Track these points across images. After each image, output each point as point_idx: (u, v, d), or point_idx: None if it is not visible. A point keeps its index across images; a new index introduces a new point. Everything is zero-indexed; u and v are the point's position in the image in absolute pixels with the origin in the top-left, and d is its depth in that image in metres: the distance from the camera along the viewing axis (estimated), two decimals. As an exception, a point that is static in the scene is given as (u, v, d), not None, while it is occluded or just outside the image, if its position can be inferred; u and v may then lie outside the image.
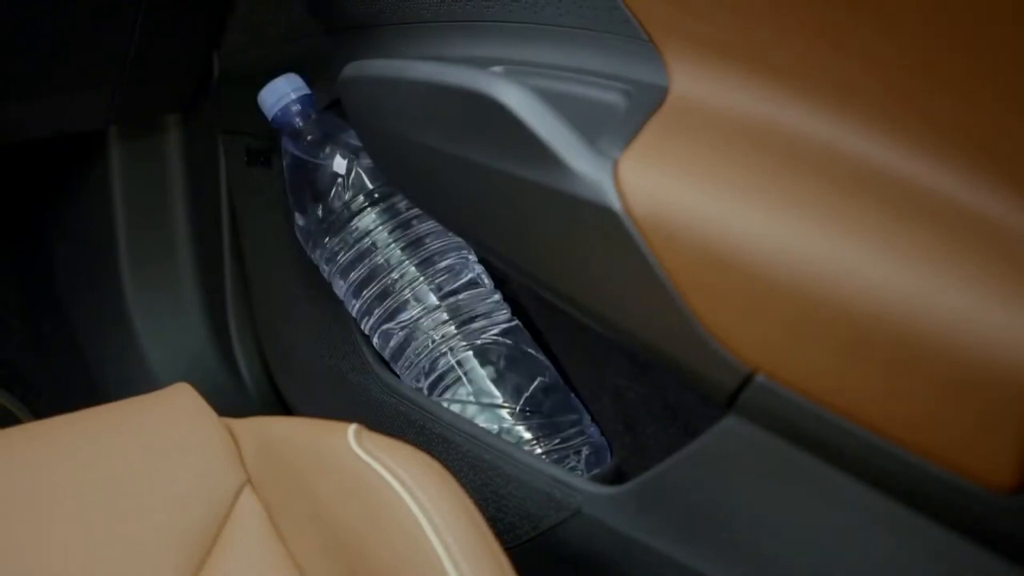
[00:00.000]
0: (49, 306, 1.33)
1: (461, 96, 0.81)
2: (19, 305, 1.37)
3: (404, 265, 0.98)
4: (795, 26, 0.72)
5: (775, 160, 0.72)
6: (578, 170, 0.74)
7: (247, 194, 1.18)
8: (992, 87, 0.66)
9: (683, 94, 0.76)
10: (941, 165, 0.67)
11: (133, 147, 1.22)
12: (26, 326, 1.37)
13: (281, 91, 1.03)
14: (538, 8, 0.86)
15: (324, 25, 1.07)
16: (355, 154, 1.00)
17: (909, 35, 0.68)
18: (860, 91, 0.70)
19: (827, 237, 0.68)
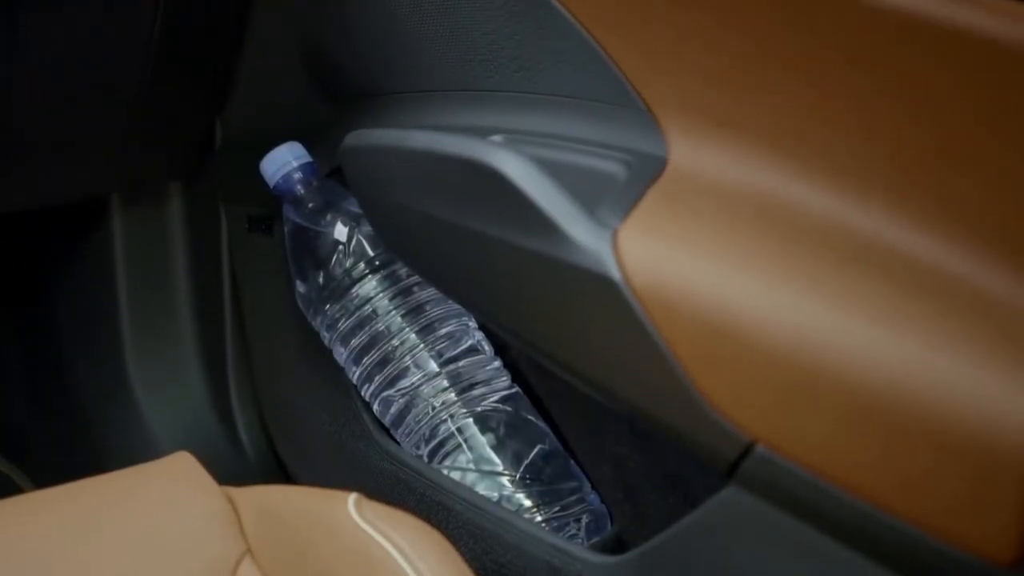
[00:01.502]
0: (50, 371, 1.34)
1: (461, 165, 0.82)
2: (20, 369, 1.37)
3: (405, 332, 0.99)
4: (794, 99, 0.72)
5: (774, 232, 0.72)
6: (578, 239, 0.75)
7: (248, 261, 1.18)
8: (995, 162, 0.66)
9: (682, 165, 0.77)
10: (940, 238, 0.68)
11: (135, 214, 1.23)
12: (26, 390, 1.37)
13: (283, 159, 1.03)
14: (538, 78, 0.87)
15: (325, 94, 1.07)
16: (356, 221, 1.00)
17: (909, 110, 0.68)
18: (858, 164, 0.71)
19: (826, 309, 0.68)
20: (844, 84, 0.70)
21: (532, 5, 0.84)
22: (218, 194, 1.20)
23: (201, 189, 1.22)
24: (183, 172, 1.20)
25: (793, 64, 0.72)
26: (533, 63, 0.87)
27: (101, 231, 1.24)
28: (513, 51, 0.88)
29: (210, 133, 1.15)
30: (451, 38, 0.91)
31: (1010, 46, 0.62)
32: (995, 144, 0.65)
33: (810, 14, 0.69)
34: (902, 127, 0.69)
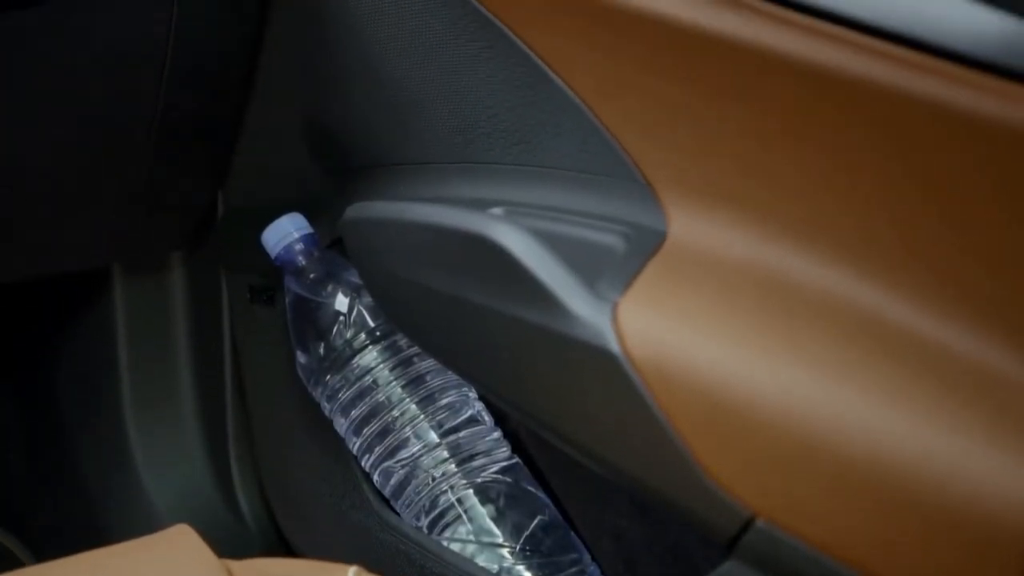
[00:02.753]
0: (50, 441, 1.33)
1: (461, 238, 0.83)
2: (19, 440, 1.37)
3: (405, 403, 0.99)
4: (795, 174, 0.73)
5: (775, 306, 0.72)
6: (577, 312, 0.75)
7: (250, 332, 1.19)
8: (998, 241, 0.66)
9: (681, 238, 0.77)
10: (940, 315, 0.68)
11: (136, 284, 1.23)
12: (26, 461, 1.36)
13: (284, 230, 1.04)
14: (537, 151, 0.88)
15: (326, 165, 1.08)
16: (357, 292, 1.01)
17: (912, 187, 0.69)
18: (860, 239, 0.71)
19: (826, 384, 0.68)
20: (846, 158, 0.71)
21: (532, 79, 0.85)
22: (220, 264, 1.20)
23: (203, 259, 1.23)
24: (185, 242, 1.21)
25: (793, 139, 0.72)
26: (533, 136, 0.87)
27: (102, 301, 1.25)
28: (513, 124, 0.88)
29: (212, 204, 1.16)
30: (451, 111, 0.91)
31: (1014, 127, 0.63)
32: (999, 223, 0.66)
33: (811, 89, 0.70)
34: (905, 203, 0.69)
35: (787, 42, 0.69)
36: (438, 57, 0.90)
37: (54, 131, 0.96)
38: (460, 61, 0.89)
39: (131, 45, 0.94)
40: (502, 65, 0.86)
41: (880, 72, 0.66)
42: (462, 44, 0.88)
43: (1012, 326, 0.66)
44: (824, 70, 0.68)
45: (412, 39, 0.91)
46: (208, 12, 0.96)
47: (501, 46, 0.86)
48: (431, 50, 0.90)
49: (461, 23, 0.87)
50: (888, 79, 0.65)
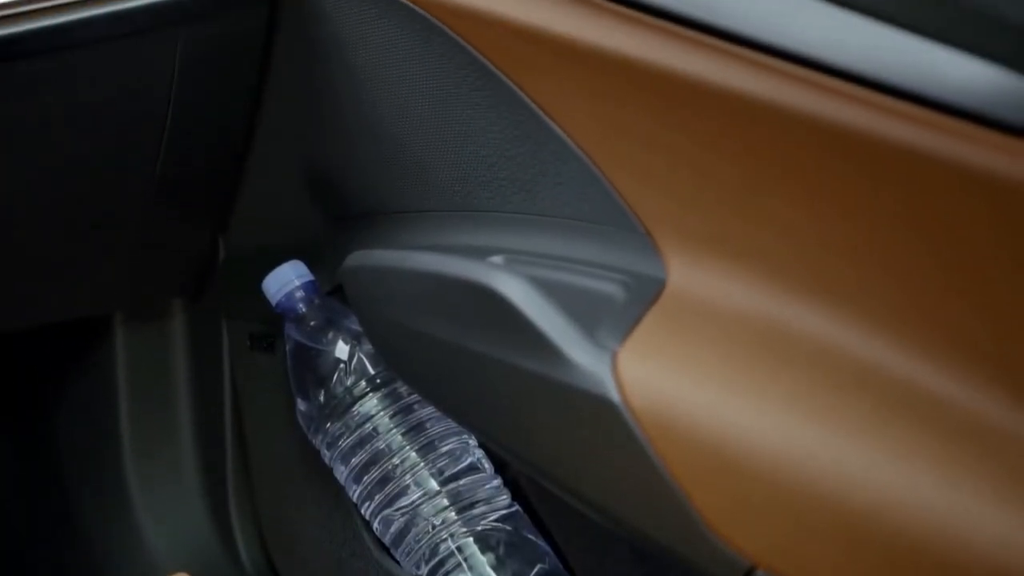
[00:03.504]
0: (49, 490, 1.33)
1: (461, 286, 0.83)
2: (19, 488, 1.37)
3: (405, 450, 0.99)
4: (795, 223, 0.73)
5: (774, 356, 0.72)
6: (577, 361, 0.75)
7: (250, 379, 1.19)
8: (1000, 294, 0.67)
9: (680, 287, 0.77)
10: (942, 368, 0.68)
11: (137, 331, 1.24)
12: (26, 508, 1.36)
13: (285, 278, 1.04)
14: (537, 199, 0.88)
15: (326, 213, 1.09)
16: (357, 340, 1.01)
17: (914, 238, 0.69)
18: (860, 289, 0.71)
19: (826, 434, 0.68)
20: (846, 209, 0.71)
21: (531, 128, 0.86)
22: (220, 311, 1.21)
23: (203, 306, 1.23)
24: (186, 290, 1.21)
25: (793, 189, 0.73)
26: (532, 185, 0.88)
27: (103, 348, 1.25)
28: (512, 173, 0.89)
29: (213, 251, 1.17)
30: (451, 160, 0.92)
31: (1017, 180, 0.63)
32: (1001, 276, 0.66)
33: (811, 141, 0.70)
34: (905, 254, 0.69)
35: (787, 94, 0.69)
36: (438, 107, 0.91)
37: (56, 181, 0.97)
38: (460, 111, 0.89)
39: (134, 97, 0.94)
40: (502, 115, 0.87)
41: (881, 125, 0.66)
42: (462, 94, 0.88)
43: (1015, 380, 0.66)
44: (824, 122, 0.68)
45: (412, 89, 0.92)
46: (210, 64, 0.96)
47: (501, 96, 0.86)
48: (431, 100, 0.91)
49: (461, 73, 0.87)
50: (889, 132, 0.66)
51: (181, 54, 0.93)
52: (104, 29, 0.85)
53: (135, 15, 0.86)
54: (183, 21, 0.91)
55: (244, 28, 0.97)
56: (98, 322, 1.25)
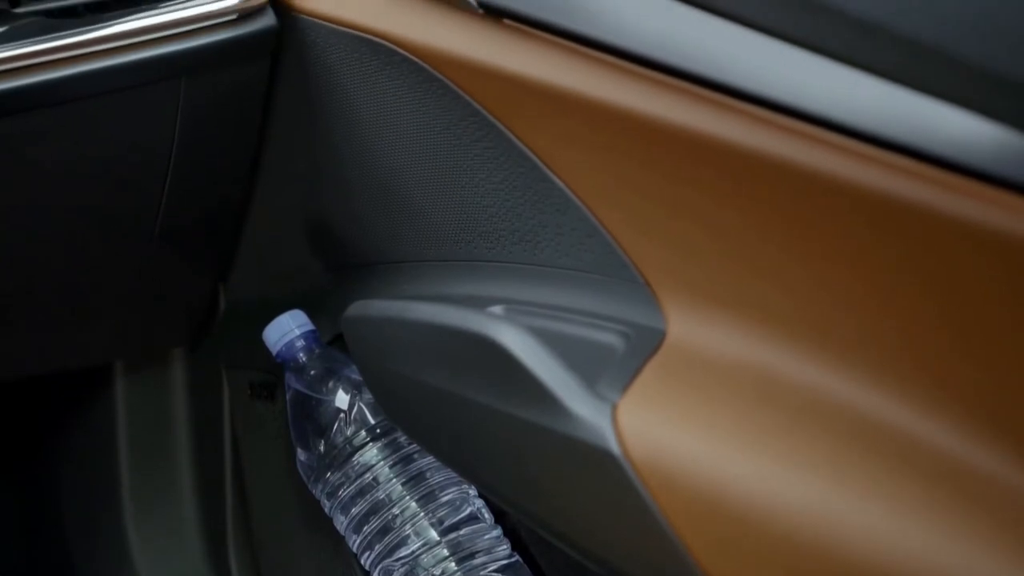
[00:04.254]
0: (49, 538, 1.33)
1: (461, 337, 0.83)
2: (18, 536, 1.36)
3: (405, 500, 0.99)
4: (793, 276, 0.73)
5: (774, 408, 0.72)
6: (577, 413, 0.75)
7: (250, 427, 1.19)
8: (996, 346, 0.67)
9: (680, 338, 0.77)
10: (940, 419, 0.68)
11: (138, 380, 1.24)
12: (25, 556, 1.36)
13: (285, 327, 1.04)
14: (538, 250, 0.88)
15: (327, 262, 1.09)
16: (357, 389, 1.01)
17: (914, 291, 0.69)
18: (859, 343, 0.71)
19: (825, 487, 0.68)
20: (846, 262, 0.71)
21: (531, 179, 0.86)
22: (221, 360, 1.21)
23: (204, 355, 1.23)
24: (186, 338, 1.21)
25: (792, 241, 0.73)
26: (533, 235, 0.88)
27: (104, 396, 1.25)
28: (513, 223, 0.89)
29: (214, 300, 1.17)
30: (452, 211, 0.92)
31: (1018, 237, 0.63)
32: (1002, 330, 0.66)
33: (810, 194, 0.70)
34: (905, 308, 0.69)
35: (788, 148, 0.69)
36: (439, 157, 0.91)
37: (58, 231, 0.97)
38: (461, 162, 0.90)
39: (135, 147, 0.95)
40: (502, 165, 0.87)
41: (883, 180, 0.66)
42: (463, 145, 0.89)
43: (1015, 434, 0.66)
44: (826, 176, 0.68)
45: (413, 139, 0.92)
46: (211, 114, 0.97)
47: (501, 147, 0.87)
48: (432, 150, 0.91)
49: (462, 124, 0.88)
50: (891, 188, 0.66)
51: (183, 105, 0.94)
52: (107, 82, 0.86)
53: (138, 67, 0.87)
54: (185, 72, 0.92)
55: (246, 79, 0.97)
56: (98, 371, 1.25)
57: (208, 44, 0.91)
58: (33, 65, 0.81)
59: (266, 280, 1.14)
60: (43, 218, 0.95)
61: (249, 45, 0.94)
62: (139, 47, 0.87)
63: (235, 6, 0.92)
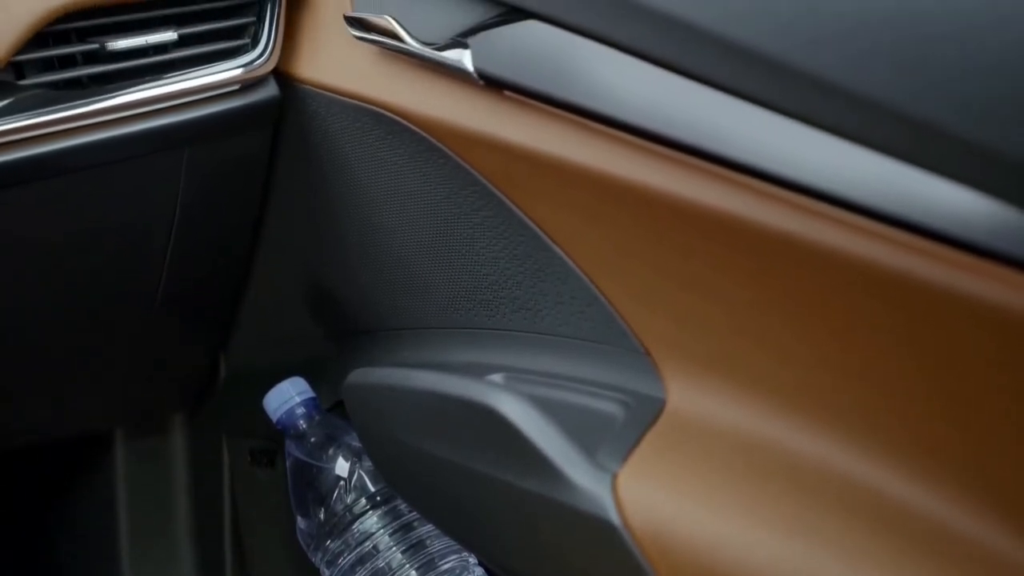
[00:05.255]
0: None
1: (462, 405, 0.83)
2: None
3: (405, 569, 0.98)
4: (792, 347, 0.73)
5: (773, 478, 0.72)
6: (577, 482, 0.75)
7: (250, 495, 1.19)
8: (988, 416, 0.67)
9: (680, 408, 0.78)
10: (933, 488, 0.68)
11: (138, 446, 1.24)
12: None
13: (286, 394, 1.05)
14: (538, 318, 0.89)
15: (328, 329, 1.09)
16: (358, 456, 1.01)
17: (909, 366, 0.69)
18: (857, 415, 0.71)
19: (823, 558, 0.68)
20: (844, 334, 0.71)
21: (532, 248, 0.86)
22: (221, 427, 1.21)
23: (204, 422, 1.23)
24: (186, 405, 1.21)
25: (791, 312, 0.73)
26: (533, 304, 0.88)
27: (103, 464, 1.25)
28: (513, 292, 0.89)
29: (214, 367, 1.17)
30: (452, 279, 0.93)
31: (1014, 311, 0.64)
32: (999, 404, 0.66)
33: (809, 266, 0.71)
34: (902, 380, 0.69)
35: (788, 221, 0.70)
36: (440, 226, 0.92)
37: (60, 300, 0.97)
38: (461, 230, 0.90)
39: (138, 216, 0.95)
40: (503, 235, 0.88)
41: (879, 253, 0.66)
42: (464, 214, 0.89)
43: (1011, 505, 0.66)
44: (826, 249, 0.69)
45: (414, 208, 0.93)
46: (213, 183, 0.98)
47: (502, 216, 0.87)
48: (433, 219, 0.92)
49: (462, 194, 0.89)
50: (888, 260, 0.66)
51: (186, 174, 0.94)
52: (111, 153, 0.86)
53: (142, 138, 0.87)
54: (188, 142, 0.92)
55: (248, 148, 0.98)
56: (98, 438, 1.25)
57: (211, 114, 0.92)
58: (38, 136, 0.81)
59: (267, 347, 1.15)
60: (44, 286, 0.95)
61: (252, 115, 0.94)
62: (143, 118, 0.88)
63: (238, 77, 0.92)
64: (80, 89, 0.85)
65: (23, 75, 0.82)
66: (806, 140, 0.68)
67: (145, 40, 0.88)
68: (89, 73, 0.85)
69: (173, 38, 0.89)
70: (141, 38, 0.88)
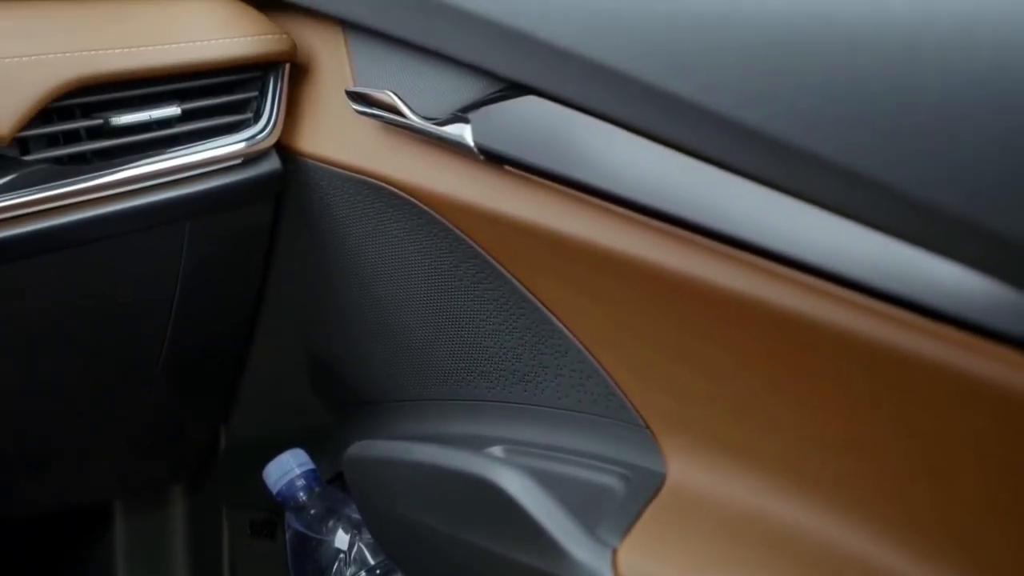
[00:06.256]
0: None
1: (462, 480, 0.83)
2: None
3: (404, 642, 0.98)
4: (791, 423, 0.74)
5: (772, 552, 0.72)
6: (578, 558, 0.75)
7: (250, 567, 1.18)
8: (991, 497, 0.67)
9: (680, 482, 0.78)
10: (920, 559, 0.68)
11: (137, 518, 1.24)
12: None
13: (286, 466, 1.04)
14: (538, 390, 0.89)
15: (327, 400, 1.09)
16: (357, 529, 1.01)
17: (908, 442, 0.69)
18: (854, 488, 0.71)
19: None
20: (843, 411, 0.71)
21: (532, 321, 0.87)
22: (221, 498, 1.21)
23: (204, 493, 1.23)
24: (186, 477, 1.21)
25: (790, 388, 0.73)
26: (533, 376, 0.89)
27: (103, 535, 1.24)
28: (513, 364, 0.90)
29: (214, 438, 1.17)
30: (452, 351, 0.93)
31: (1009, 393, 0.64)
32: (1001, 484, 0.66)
33: (808, 343, 0.71)
34: (901, 457, 0.69)
35: (783, 296, 0.70)
36: (440, 298, 0.92)
37: (60, 371, 0.97)
38: (462, 303, 0.91)
39: (139, 288, 0.95)
40: (503, 307, 0.88)
41: (877, 330, 0.67)
42: (464, 287, 0.90)
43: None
44: (821, 325, 0.69)
45: (415, 280, 0.93)
46: (215, 255, 0.98)
47: (502, 289, 0.88)
48: (433, 291, 0.92)
49: (463, 267, 0.89)
50: (887, 338, 0.67)
51: (188, 246, 0.95)
52: (114, 227, 0.86)
53: (145, 212, 0.88)
54: (190, 215, 0.93)
55: (249, 220, 0.99)
56: (98, 509, 1.24)
57: (214, 188, 0.92)
58: (42, 211, 0.82)
59: (267, 418, 1.15)
60: (45, 358, 0.95)
61: (254, 188, 0.95)
62: (146, 192, 0.88)
63: (241, 151, 0.93)
64: (84, 164, 0.85)
65: (27, 150, 0.82)
66: (805, 217, 0.69)
67: (149, 115, 0.88)
68: (93, 148, 0.85)
69: (176, 113, 0.90)
70: (145, 113, 0.88)
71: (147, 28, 0.90)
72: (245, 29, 0.94)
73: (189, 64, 0.90)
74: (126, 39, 0.88)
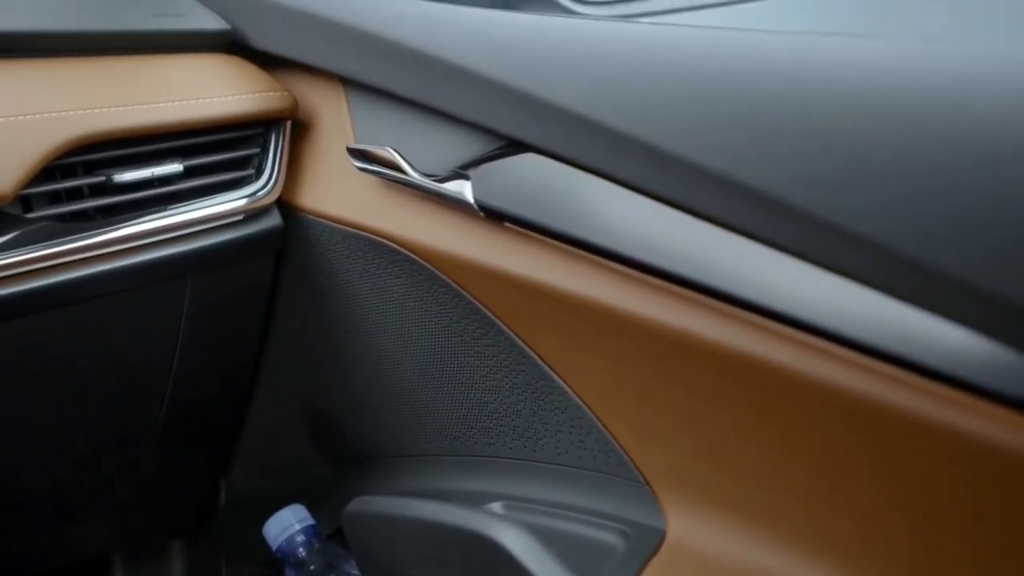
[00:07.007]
0: None
1: (463, 536, 0.83)
2: None
3: None
4: (791, 481, 0.74)
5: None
6: None
7: (249, 622, 1.18)
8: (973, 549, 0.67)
9: (680, 539, 0.78)
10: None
11: (136, 573, 1.23)
12: None
13: (286, 522, 1.04)
14: (537, 446, 0.89)
15: (327, 455, 1.09)
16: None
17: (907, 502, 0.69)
18: (854, 545, 0.71)
19: None
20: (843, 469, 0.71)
21: (531, 378, 0.87)
22: (220, 553, 1.20)
23: (204, 548, 1.23)
24: (186, 532, 1.21)
25: (789, 446, 0.74)
26: (533, 432, 0.89)
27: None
28: (512, 420, 0.90)
29: (214, 493, 1.17)
30: (452, 407, 0.93)
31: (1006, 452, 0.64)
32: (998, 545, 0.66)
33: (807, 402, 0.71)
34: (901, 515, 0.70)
35: (783, 354, 0.70)
36: (440, 354, 0.92)
37: (62, 424, 0.97)
38: (461, 358, 0.91)
39: (141, 342, 0.96)
40: (503, 363, 0.88)
41: (876, 390, 0.67)
42: (464, 342, 0.90)
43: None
44: (823, 385, 0.69)
45: (414, 336, 0.94)
46: (216, 310, 0.98)
47: (502, 345, 0.88)
48: (433, 347, 0.93)
49: (463, 323, 0.89)
50: (886, 397, 0.67)
51: (189, 301, 0.95)
52: (116, 283, 0.87)
53: (147, 269, 0.88)
54: (192, 271, 0.93)
55: (250, 276, 0.99)
56: (98, 563, 1.24)
57: (215, 244, 0.93)
58: (45, 268, 0.82)
59: (267, 473, 1.14)
60: (46, 412, 0.95)
61: (255, 244, 0.95)
62: (148, 248, 0.89)
63: (243, 207, 0.94)
64: (87, 221, 0.86)
65: (30, 208, 0.83)
66: (805, 277, 0.69)
67: (151, 172, 0.89)
68: (96, 205, 0.86)
69: (179, 170, 0.91)
70: (147, 170, 0.89)
71: (149, 85, 0.90)
72: (247, 86, 0.94)
73: (191, 121, 0.91)
74: (128, 97, 0.88)
